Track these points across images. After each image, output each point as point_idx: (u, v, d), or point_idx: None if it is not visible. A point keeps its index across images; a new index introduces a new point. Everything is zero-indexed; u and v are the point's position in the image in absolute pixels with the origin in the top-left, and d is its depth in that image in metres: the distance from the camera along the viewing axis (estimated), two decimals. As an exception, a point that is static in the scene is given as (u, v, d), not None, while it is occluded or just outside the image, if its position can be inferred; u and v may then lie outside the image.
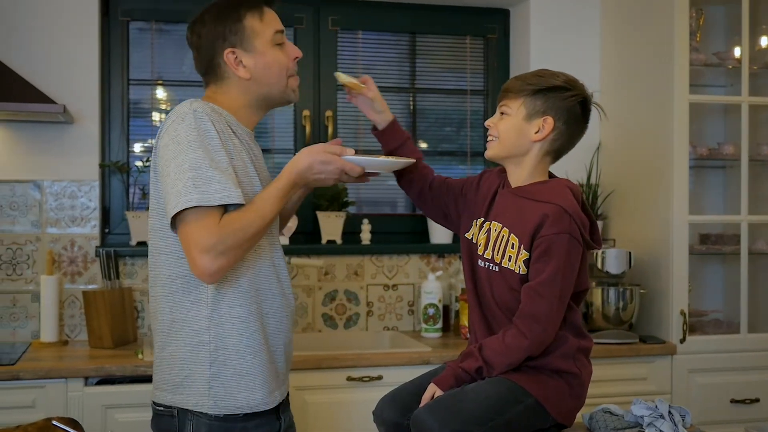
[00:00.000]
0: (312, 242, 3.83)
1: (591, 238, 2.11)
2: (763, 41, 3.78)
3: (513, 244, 2.08)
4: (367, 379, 3.17)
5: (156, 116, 3.81)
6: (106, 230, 3.67)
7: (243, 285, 2.04)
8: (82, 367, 3.00)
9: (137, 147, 3.76)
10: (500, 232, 2.12)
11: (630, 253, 3.55)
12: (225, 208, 1.96)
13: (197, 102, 2.04)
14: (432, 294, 3.66)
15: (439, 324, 3.66)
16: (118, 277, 3.50)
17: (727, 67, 3.72)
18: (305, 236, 3.85)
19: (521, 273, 2.06)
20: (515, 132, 2.13)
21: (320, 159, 2.03)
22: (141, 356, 3.10)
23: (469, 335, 2.26)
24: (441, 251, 3.91)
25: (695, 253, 3.66)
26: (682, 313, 3.44)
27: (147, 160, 3.59)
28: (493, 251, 2.12)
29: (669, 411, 2.15)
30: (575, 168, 3.82)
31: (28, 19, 3.47)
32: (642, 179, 3.66)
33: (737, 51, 3.64)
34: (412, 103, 4.10)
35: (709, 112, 3.93)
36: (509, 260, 2.08)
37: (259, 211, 1.98)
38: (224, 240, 1.91)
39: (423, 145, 4.13)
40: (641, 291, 3.55)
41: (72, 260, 3.53)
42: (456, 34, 4.12)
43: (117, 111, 3.71)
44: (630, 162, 3.76)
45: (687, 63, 3.44)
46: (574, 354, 2.10)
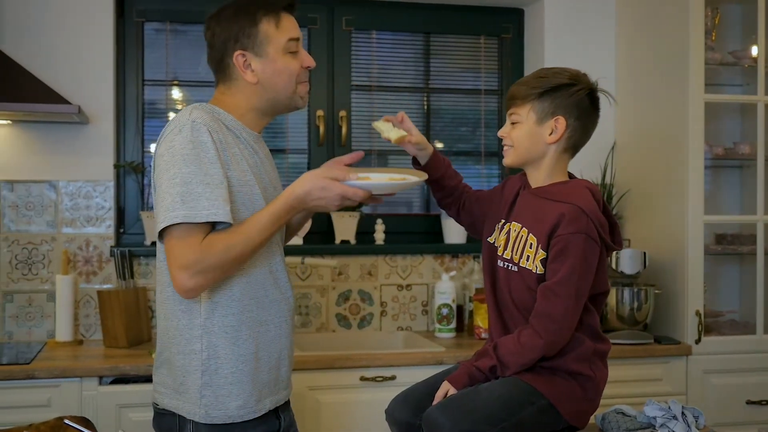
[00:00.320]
0: (326, 242, 3.83)
1: (611, 240, 2.09)
2: (780, 40, 3.76)
3: (531, 244, 2.07)
4: (381, 379, 3.17)
5: (171, 117, 3.83)
6: (121, 230, 3.69)
7: (236, 293, 2.05)
8: (97, 367, 3.02)
9: (152, 147, 3.78)
10: (519, 233, 2.12)
11: (645, 254, 3.53)
12: (213, 225, 1.96)
13: (198, 110, 2.03)
14: (446, 294, 3.65)
15: (453, 324, 3.66)
16: (133, 277, 3.52)
17: (743, 66, 3.69)
18: (319, 236, 3.86)
19: (538, 273, 2.05)
20: (529, 138, 2.12)
21: (320, 185, 1.99)
22: (154, 356, 3.11)
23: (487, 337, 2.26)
24: (455, 251, 3.90)
25: (711, 253, 3.64)
26: (698, 314, 3.42)
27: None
28: (512, 251, 2.12)
29: (682, 412, 2.13)
30: (590, 168, 3.80)
31: (43, 21, 3.49)
32: (657, 179, 3.64)
33: (754, 50, 3.61)
34: (426, 103, 4.09)
35: (725, 112, 3.90)
36: (527, 260, 2.08)
37: (246, 234, 1.96)
38: (204, 259, 1.91)
39: (439, 146, 4.12)
40: (656, 291, 3.53)
41: (87, 260, 3.55)
42: (470, 34, 4.11)
43: (132, 111, 3.72)
44: (645, 162, 3.74)
45: (702, 62, 3.42)
46: (590, 357, 2.09)
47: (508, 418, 1.99)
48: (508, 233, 2.15)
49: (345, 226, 3.78)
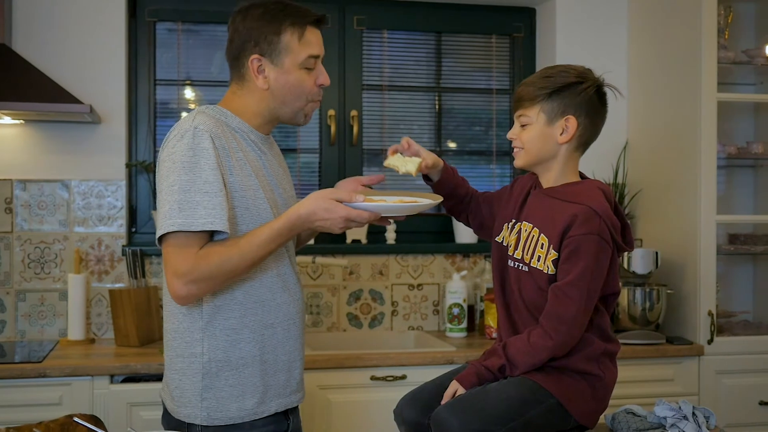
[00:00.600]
0: (337, 241, 3.83)
1: (623, 240, 2.08)
2: (794, 39, 3.74)
3: (543, 244, 2.06)
4: (391, 379, 3.17)
5: (183, 116, 3.83)
6: (133, 229, 3.70)
7: (239, 296, 2.05)
8: (108, 365, 3.04)
9: (164, 147, 3.79)
10: (530, 233, 2.11)
11: (657, 253, 3.52)
12: (212, 234, 1.96)
13: (202, 115, 2.03)
14: (457, 294, 3.65)
15: (464, 324, 3.65)
16: (144, 276, 3.53)
17: (757, 65, 3.67)
18: (330, 235, 3.85)
19: (550, 273, 2.04)
20: (540, 139, 2.11)
21: (324, 206, 1.95)
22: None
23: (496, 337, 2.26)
24: (466, 251, 3.90)
25: (724, 253, 3.62)
26: (710, 314, 3.41)
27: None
28: (523, 251, 2.11)
29: (693, 412, 2.12)
30: (602, 167, 3.80)
31: (55, 21, 3.50)
32: (669, 178, 3.63)
33: (767, 49, 3.59)
34: (438, 103, 4.09)
35: (738, 111, 3.88)
36: (538, 260, 2.07)
37: (243, 249, 1.95)
38: (198, 269, 1.92)
39: (452, 145, 4.12)
40: (668, 291, 3.51)
41: (99, 259, 3.56)
42: (482, 33, 4.11)
43: (144, 111, 3.73)
44: (657, 161, 3.73)
45: (715, 61, 3.40)
46: (599, 357, 2.08)
47: (517, 418, 1.98)
48: (519, 233, 2.14)
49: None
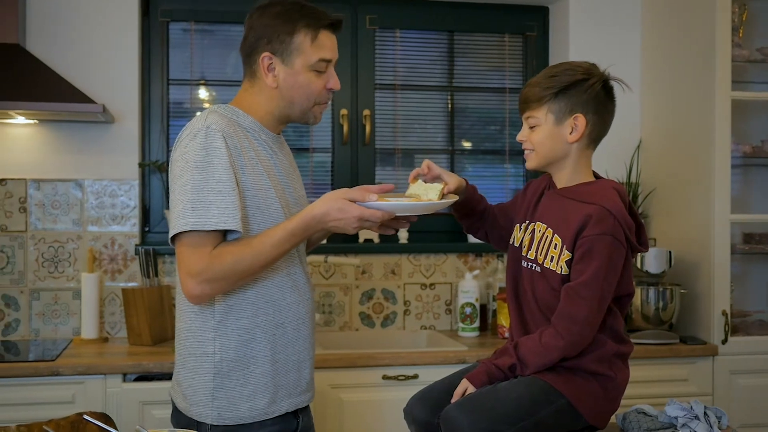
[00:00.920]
0: (349, 241, 3.83)
1: (637, 241, 2.07)
2: (809, 36, 3.71)
3: (556, 245, 2.05)
4: (403, 378, 3.16)
5: (198, 115, 3.84)
6: (146, 229, 3.72)
7: (250, 296, 2.05)
8: (121, 364, 3.05)
9: (177, 146, 3.80)
10: (544, 233, 2.10)
11: (670, 253, 3.50)
12: (225, 233, 1.97)
13: (214, 114, 2.04)
14: (469, 293, 3.64)
15: (477, 323, 3.64)
16: (157, 275, 3.54)
17: (772, 63, 3.66)
18: (343, 235, 3.84)
19: (563, 273, 2.03)
20: (550, 140, 2.10)
21: (337, 206, 1.96)
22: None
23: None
24: (479, 250, 3.89)
25: (738, 253, 3.60)
26: (724, 314, 3.38)
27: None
28: (537, 252, 2.10)
29: (704, 412, 2.11)
30: (615, 166, 3.79)
31: (69, 21, 3.52)
32: (683, 177, 3.61)
33: (782, 47, 3.57)
34: (451, 102, 4.08)
35: (754, 109, 3.85)
36: (551, 261, 2.06)
37: (256, 249, 1.96)
38: (211, 269, 1.93)
39: (465, 145, 4.11)
40: (682, 291, 3.49)
41: (112, 258, 3.57)
42: (494, 32, 4.10)
43: (157, 111, 3.75)
44: (671, 160, 3.71)
45: (729, 59, 3.38)
46: (611, 358, 2.07)
47: (527, 418, 1.97)
48: (533, 233, 2.14)
49: (368, 225, 3.77)
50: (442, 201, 2.07)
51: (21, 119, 3.41)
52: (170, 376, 2.98)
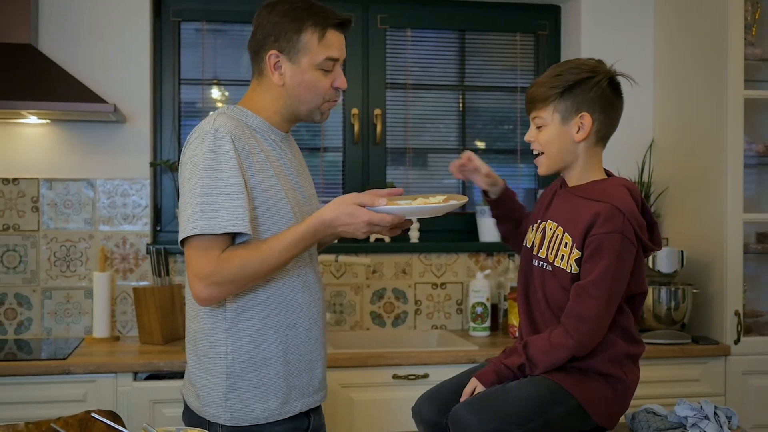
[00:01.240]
0: (360, 240, 3.83)
1: (650, 240, 2.06)
2: (823, 35, 3.68)
3: (566, 243, 2.05)
4: (413, 378, 3.16)
5: (210, 114, 3.85)
6: (157, 228, 3.73)
7: (262, 297, 2.06)
8: (132, 363, 3.06)
9: (188, 146, 3.81)
10: (555, 231, 2.09)
11: (682, 252, 3.48)
12: (234, 236, 1.98)
13: (223, 116, 2.04)
14: (480, 293, 3.64)
15: (488, 323, 3.64)
16: (169, 274, 3.55)
17: (786, 62, 3.63)
18: (353, 235, 3.85)
19: (573, 272, 2.02)
20: (558, 139, 2.09)
21: (347, 211, 1.96)
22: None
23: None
24: (490, 250, 3.88)
25: (752, 252, 3.58)
26: (737, 314, 3.37)
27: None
28: (548, 251, 2.09)
29: (714, 412, 2.09)
30: (627, 165, 3.77)
31: (81, 21, 3.53)
32: (696, 176, 3.59)
33: (795, 45, 3.54)
34: (462, 102, 4.08)
35: (767, 108, 3.83)
36: (561, 259, 2.05)
37: (265, 253, 1.96)
38: (220, 272, 1.94)
39: (479, 144, 4.10)
40: (694, 291, 3.48)
41: (124, 257, 3.59)
42: (506, 31, 4.09)
43: (168, 110, 3.76)
44: (683, 159, 3.69)
45: (741, 58, 3.36)
46: (622, 359, 2.05)
47: (536, 418, 1.96)
48: (544, 232, 2.13)
49: (379, 225, 3.77)
50: (452, 203, 2.07)
51: (33, 119, 3.43)
52: (181, 375, 2.99)
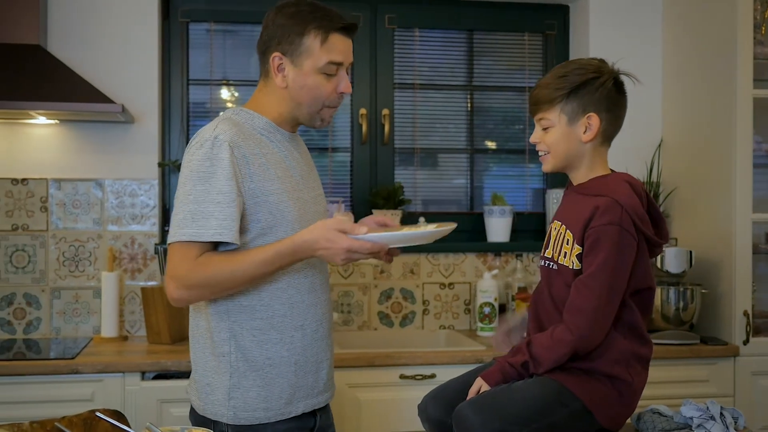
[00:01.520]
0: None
1: (657, 234, 2.05)
2: (833, 34, 3.66)
3: (568, 240, 2.05)
4: (420, 378, 3.16)
5: (220, 114, 3.86)
6: (166, 228, 3.73)
7: (265, 298, 2.07)
8: (139, 362, 3.07)
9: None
10: (559, 230, 2.09)
11: (690, 252, 3.47)
12: (218, 243, 1.99)
13: (225, 122, 2.05)
14: (488, 293, 3.63)
15: (495, 323, 3.63)
16: (177, 274, 3.55)
17: (795, 61, 3.61)
18: (361, 234, 3.85)
19: (575, 268, 2.02)
20: (565, 140, 2.08)
21: (327, 236, 1.94)
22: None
23: None
24: (498, 250, 3.88)
25: (761, 252, 3.55)
26: (746, 314, 3.35)
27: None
28: (553, 250, 2.10)
29: (721, 413, 2.09)
30: (636, 165, 3.76)
31: (89, 21, 3.54)
32: (704, 176, 3.58)
33: (805, 44, 3.52)
34: (470, 102, 4.07)
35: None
36: (565, 256, 2.05)
37: (238, 264, 1.97)
38: (192, 276, 1.97)
39: (488, 144, 4.10)
40: (703, 291, 3.46)
41: (132, 257, 3.60)
42: (514, 31, 4.08)
43: (177, 111, 3.77)
44: (692, 159, 3.68)
45: (751, 57, 3.35)
46: (628, 360, 2.04)
47: (540, 420, 1.95)
48: (550, 232, 2.14)
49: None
50: (438, 230, 2.04)
51: (42, 119, 3.45)
52: (188, 375, 2.99)
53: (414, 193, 4.00)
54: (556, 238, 2.09)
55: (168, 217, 3.74)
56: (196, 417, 2.15)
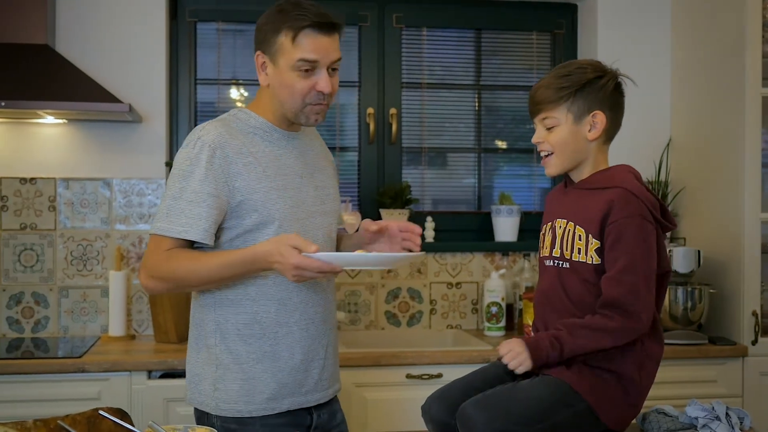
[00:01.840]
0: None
1: (663, 218, 2.05)
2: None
3: (580, 236, 2.04)
4: (427, 377, 3.16)
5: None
6: (173, 227, 3.74)
7: (251, 293, 2.11)
8: (146, 361, 3.08)
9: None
10: (565, 228, 2.09)
11: (699, 252, 3.45)
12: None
13: (213, 124, 2.13)
14: (495, 292, 3.62)
15: (503, 323, 3.62)
16: (184, 274, 3.56)
17: (804, 60, 3.58)
18: (369, 234, 3.85)
19: (595, 263, 2.02)
20: (571, 139, 2.09)
21: (280, 250, 1.95)
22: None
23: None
24: (505, 249, 3.87)
25: (770, 252, 3.54)
26: (754, 314, 3.33)
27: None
28: (561, 248, 2.09)
29: (726, 413, 2.08)
30: (644, 165, 3.73)
31: (97, 21, 3.55)
32: (713, 176, 3.56)
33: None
34: (478, 101, 4.06)
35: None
36: (579, 253, 2.04)
37: (195, 265, 2.03)
38: (158, 268, 2.05)
39: (500, 144, 4.09)
40: (711, 291, 3.44)
41: (140, 256, 3.60)
42: (522, 30, 4.07)
43: (184, 110, 3.78)
44: (701, 158, 3.66)
45: (759, 55, 3.33)
46: (644, 361, 2.03)
47: (544, 420, 1.94)
48: (553, 231, 2.13)
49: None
50: (392, 256, 2.07)
51: (50, 119, 3.46)
52: (194, 374, 3.02)
53: (422, 193, 3.99)
54: (564, 236, 2.09)
55: (175, 217, 3.75)
56: (196, 412, 2.21)
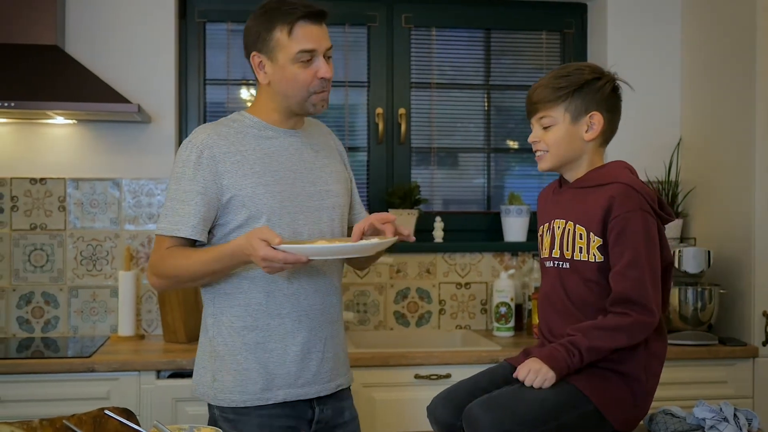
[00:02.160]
0: (384, 240, 3.82)
1: (661, 211, 2.05)
2: None
3: (581, 235, 2.04)
4: (435, 377, 3.15)
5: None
6: (183, 227, 3.75)
7: (244, 286, 2.19)
8: (155, 361, 3.09)
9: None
10: (564, 228, 2.09)
11: (709, 252, 3.43)
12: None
13: (203, 127, 2.22)
14: (504, 293, 3.62)
15: (512, 323, 3.62)
16: (193, 274, 3.56)
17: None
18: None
19: (597, 261, 2.02)
20: (567, 138, 2.10)
21: (251, 243, 2.01)
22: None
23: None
24: (514, 249, 3.86)
25: (780, 253, 3.52)
26: (765, 315, 3.32)
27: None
28: (561, 248, 2.09)
29: (734, 414, 2.06)
30: (654, 165, 3.73)
31: (106, 22, 3.56)
32: (723, 176, 3.54)
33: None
34: (487, 101, 4.06)
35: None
36: (580, 252, 2.04)
37: (189, 260, 2.13)
38: (159, 266, 2.17)
39: (512, 144, 4.08)
40: (721, 291, 3.43)
41: (149, 256, 3.60)
42: (532, 30, 4.06)
43: (194, 111, 3.78)
44: (711, 158, 3.64)
45: (770, 55, 3.32)
46: (649, 361, 2.03)
47: (550, 421, 1.93)
48: (552, 232, 2.13)
49: (404, 224, 3.73)
50: (356, 244, 2.07)
51: (60, 119, 3.47)
52: (203, 373, 3.02)
53: (431, 193, 3.99)
54: (563, 236, 2.08)
55: (185, 217, 3.76)
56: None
